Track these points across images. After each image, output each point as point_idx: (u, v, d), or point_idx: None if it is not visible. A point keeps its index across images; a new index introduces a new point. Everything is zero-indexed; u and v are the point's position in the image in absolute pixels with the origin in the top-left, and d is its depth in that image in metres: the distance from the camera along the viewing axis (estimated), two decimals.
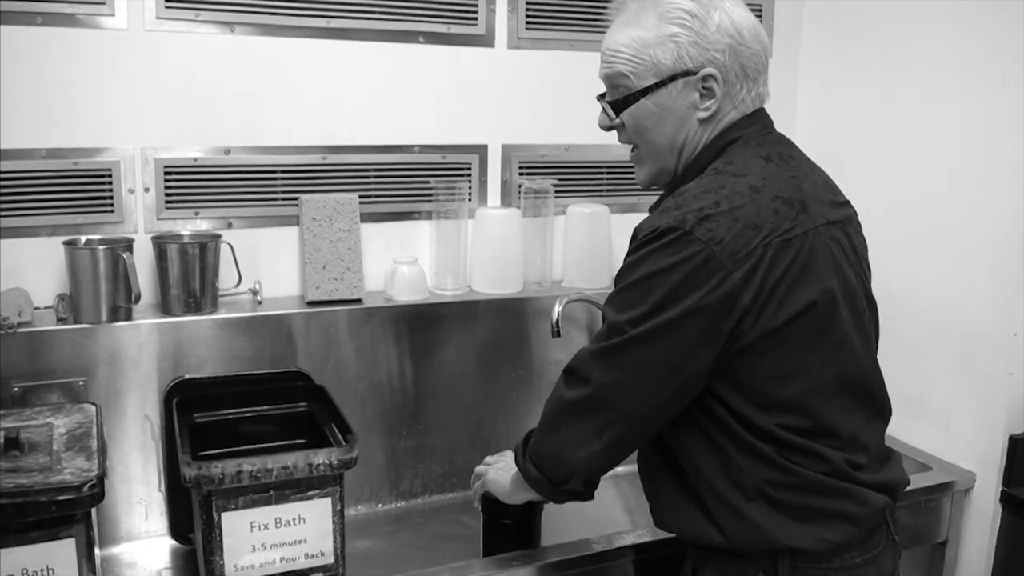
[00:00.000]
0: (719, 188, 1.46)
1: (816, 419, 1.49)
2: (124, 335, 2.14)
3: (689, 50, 1.51)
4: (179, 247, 2.20)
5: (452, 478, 2.51)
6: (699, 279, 1.40)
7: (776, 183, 1.49)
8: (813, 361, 1.48)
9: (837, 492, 1.51)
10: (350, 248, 2.39)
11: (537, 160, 2.66)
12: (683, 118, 1.56)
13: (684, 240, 1.41)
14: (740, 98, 1.56)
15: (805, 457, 1.49)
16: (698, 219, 1.41)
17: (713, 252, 1.39)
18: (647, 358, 1.46)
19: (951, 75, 2.32)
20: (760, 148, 1.55)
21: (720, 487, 1.51)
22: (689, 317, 1.41)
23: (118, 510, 2.19)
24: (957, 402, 2.34)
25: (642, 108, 1.56)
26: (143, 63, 2.20)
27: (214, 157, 2.30)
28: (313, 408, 2.10)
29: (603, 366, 1.50)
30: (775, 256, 1.41)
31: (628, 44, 1.54)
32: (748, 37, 1.53)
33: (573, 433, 1.56)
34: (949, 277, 2.34)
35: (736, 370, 1.46)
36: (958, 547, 2.35)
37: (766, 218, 1.43)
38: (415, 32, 2.44)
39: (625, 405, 1.50)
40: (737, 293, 1.40)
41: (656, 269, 1.43)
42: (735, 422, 1.48)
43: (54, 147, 2.15)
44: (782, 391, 1.47)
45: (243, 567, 1.76)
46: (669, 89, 1.53)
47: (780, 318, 1.43)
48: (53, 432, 1.74)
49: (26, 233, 2.16)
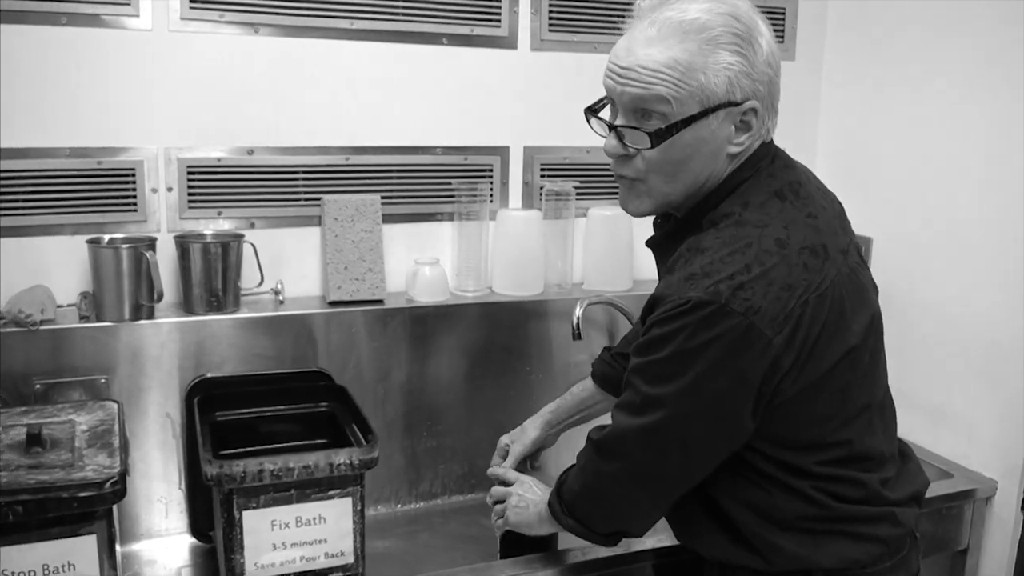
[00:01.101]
0: (745, 248, 1.38)
1: (850, 449, 1.48)
2: (146, 333, 2.15)
3: (741, 80, 1.39)
4: (202, 247, 2.21)
5: (471, 479, 2.51)
6: (739, 350, 1.34)
7: (799, 231, 1.41)
8: (847, 400, 1.47)
9: (872, 518, 1.50)
10: (372, 249, 2.39)
11: (559, 162, 2.65)
12: (716, 152, 1.44)
13: (721, 313, 1.33)
14: (763, 131, 1.47)
15: (841, 485, 1.48)
16: (732, 289, 1.33)
17: (752, 323, 1.33)
18: (694, 432, 1.42)
19: (975, 76, 2.30)
20: (772, 180, 1.47)
21: (752, 524, 1.50)
22: (734, 388, 1.37)
23: (138, 507, 2.20)
24: (980, 409, 2.33)
25: (680, 140, 1.41)
26: (167, 63, 2.21)
27: (237, 157, 2.31)
28: (334, 408, 2.10)
29: (646, 445, 1.46)
30: (813, 313, 1.37)
31: (672, 66, 1.37)
32: (777, 68, 1.45)
33: (621, 503, 1.55)
34: (973, 283, 2.32)
35: (771, 423, 1.43)
36: (979, 555, 2.34)
37: (798, 276, 1.37)
38: (438, 34, 2.44)
39: (673, 474, 1.49)
40: (779, 358, 1.35)
41: (694, 345, 1.35)
42: (771, 466, 1.47)
43: (78, 146, 2.16)
44: (817, 431, 1.46)
45: (263, 565, 1.76)
46: (710, 120, 1.40)
47: (819, 371, 1.40)
48: (75, 429, 1.74)
49: (50, 231, 2.17)
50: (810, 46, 2.84)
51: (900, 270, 2.48)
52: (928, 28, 2.43)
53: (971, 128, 2.32)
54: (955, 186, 2.37)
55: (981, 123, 2.29)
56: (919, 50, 2.46)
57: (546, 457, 2.15)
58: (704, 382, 1.36)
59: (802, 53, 2.82)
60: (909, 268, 2.47)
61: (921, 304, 2.42)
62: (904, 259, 2.49)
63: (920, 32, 2.46)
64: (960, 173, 2.35)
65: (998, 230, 2.25)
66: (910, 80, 2.50)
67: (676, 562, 1.86)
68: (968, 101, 2.33)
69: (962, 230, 2.35)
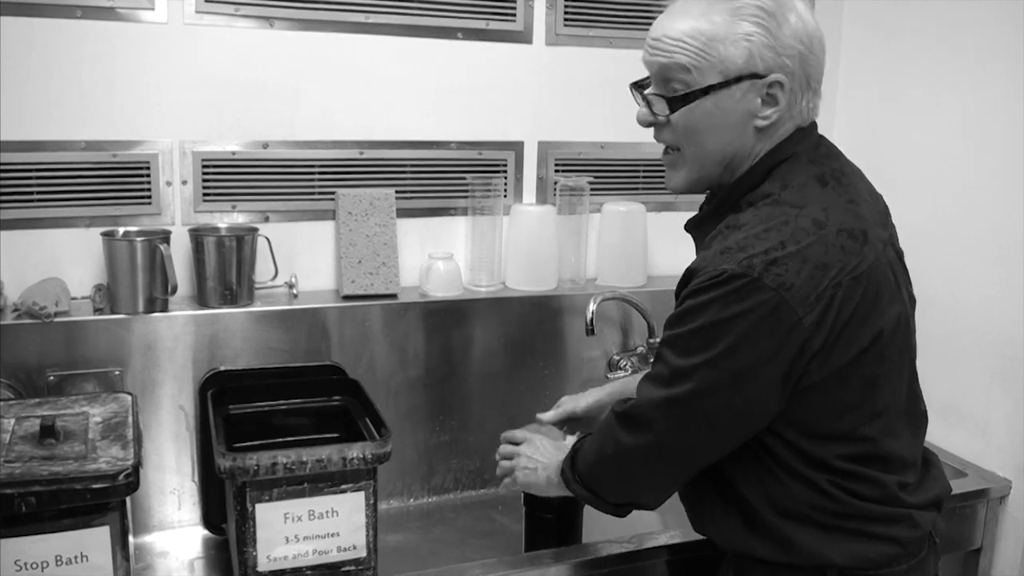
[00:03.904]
0: (782, 225, 1.39)
1: (872, 447, 1.47)
2: (160, 326, 2.15)
3: (763, 52, 1.41)
4: (216, 240, 2.21)
5: (484, 474, 2.51)
6: (769, 326, 1.34)
7: (838, 214, 1.42)
8: (873, 395, 1.45)
9: (887, 518, 1.49)
10: (386, 243, 2.39)
11: (573, 157, 2.65)
12: (740, 124, 1.46)
13: (752, 287, 1.34)
14: (799, 109, 1.48)
15: (858, 483, 1.47)
16: (765, 264, 1.34)
17: (783, 299, 1.33)
18: (718, 407, 1.41)
19: (993, 74, 2.29)
20: (813, 166, 1.48)
21: (766, 512, 1.49)
22: (761, 365, 1.36)
23: (151, 499, 2.21)
24: (995, 408, 2.31)
25: (699, 108, 1.45)
26: (182, 57, 2.21)
27: (252, 151, 2.31)
28: (347, 402, 2.11)
29: (671, 415, 1.45)
30: (845, 295, 1.36)
31: (694, 35, 1.42)
32: (816, 49, 1.47)
33: (637, 475, 1.55)
34: (988, 281, 2.31)
35: (795, 408, 1.42)
36: (992, 555, 2.32)
37: (834, 256, 1.37)
38: (453, 28, 2.44)
39: (694, 450, 1.48)
40: (808, 339, 1.35)
41: (724, 316, 1.35)
42: (789, 453, 1.46)
43: (93, 139, 2.17)
44: (840, 424, 1.45)
45: (276, 558, 1.76)
46: (732, 91, 1.43)
47: (847, 356, 1.39)
48: (89, 421, 1.75)
49: (65, 224, 2.18)
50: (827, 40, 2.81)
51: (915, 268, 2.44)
52: (945, 24, 2.41)
53: (990, 125, 2.30)
54: (970, 184, 2.35)
55: (1000, 120, 2.27)
56: (936, 46, 2.45)
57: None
58: (731, 356, 1.36)
59: None
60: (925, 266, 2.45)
61: (936, 303, 2.41)
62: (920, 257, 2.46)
63: (937, 28, 2.44)
64: (977, 171, 2.34)
65: (1014, 229, 2.24)
66: (927, 77, 2.48)
67: (690, 559, 1.85)
68: (985, 98, 2.31)
69: (980, 229, 2.33)
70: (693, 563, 1.85)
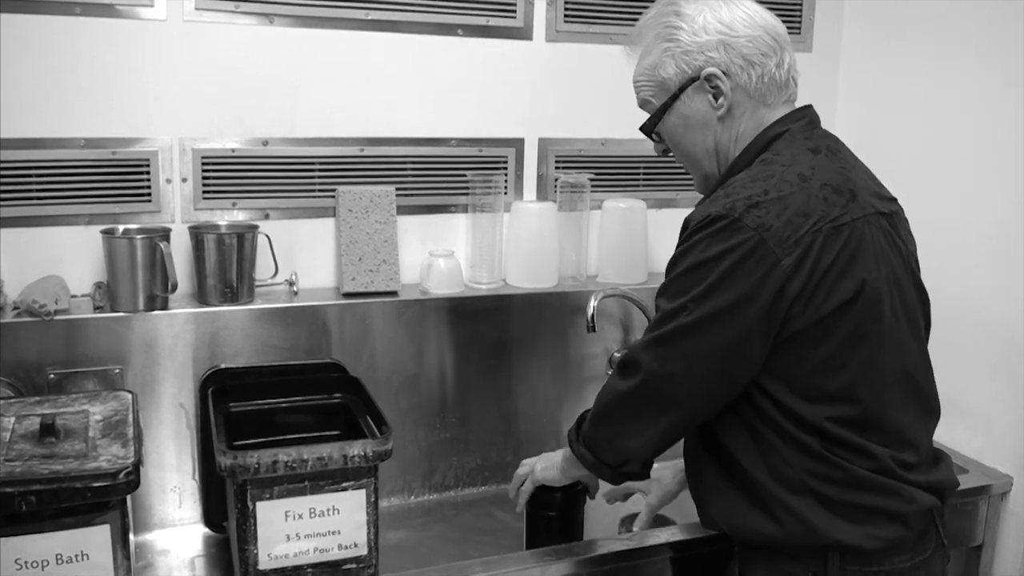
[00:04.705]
0: (767, 177, 1.48)
1: (864, 410, 1.49)
2: (160, 324, 2.15)
3: (683, 58, 1.57)
4: (216, 237, 2.20)
5: (485, 471, 2.50)
6: (749, 266, 1.41)
7: (825, 172, 1.51)
8: (862, 351, 1.48)
9: (883, 489, 1.50)
10: (386, 240, 2.38)
11: (574, 154, 2.64)
12: (704, 122, 1.60)
13: (733, 227, 1.42)
14: (753, 87, 1.58)
15: (851, 453, 1.49)
16: (747, 206, 1.43)
17: (763, 239, 1.41)
18: (699, 347, 1.47)
19: (993, 74, 2.28)
20: (808, 141, 1.57)
21: (765, 481, 1.52)
22: (740, 305, 1.42)
23: (152, 497, 2.20)
24: (996, 405, 2.31)
25: (668, 124, 1.63)
26: (182, 54, 2.21)
27: (252, 148, 2.31)
28: (348, 400, 2.10)
29: (655, 356, 1.52)
30: (825, 243, 1.43)
31: (643, 72, 1.64)
32: (741, 28, 1.56)
33: (628, 422, 1.59)
34: (990, 278, 2.30)
35: (785, 362, 1.47)
36: (994, 551, 2.32)
37: (815, 206, 1.45)
38: (454, 25, 2.44)
39: (677, 393, 1.52)
40: (786, 280, 1.41)
41: (706, 257, 1.44)
42: (780, 415, 1.49)
43: (93, 136, 2.16)
44: (830, 382, 1.47)
45: (277, 556, 1.76)
46: (682, 100, 1.60)
47: (829, 306, 1.43)
48: (89, 419, 1.74)
49: (64, 222, 2.18)
50: (827, 38, 2.83)
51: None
52: (947, 18, 2.41)
53: (992, 120, 2.30)
54: (972, 183, 2.35)
55: (1002, 115, 2.27)
56: (938, 41, 2.44)
57: None
58: (713, 295, 1.44)
59: (819, 45, 2.81)
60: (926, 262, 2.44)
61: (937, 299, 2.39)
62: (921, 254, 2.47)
63: (938, 22, 2.44)
64: (979, 167, 2.33)
65: (1015, 227, 2.23)
66: (929, 71, 2.48)
67: (691, 556, 1.85)
68: (985, 98, 2.31)
69: (981, 225, 2.33)
70: (694, 560, 1.85)
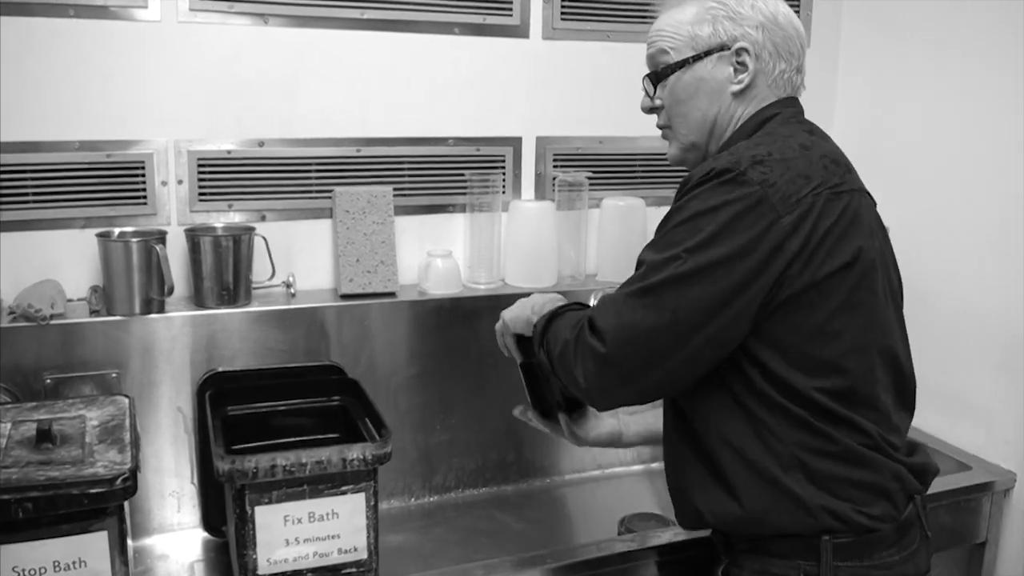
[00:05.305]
0: (770, 141, 1.49)
1: (854, 383, 1.46)
2: (157, 327, 2.14)
3: (724, 24, 1.57)
4: (212, 240, 2.19)
5: (485, 473, 2.50)
6: (750, 219, 1.39)
7: (822, 146, 1.53)
8: (856, 320, 1.46)
9: (874, 464, 1.47)
10: (384, 241, 2.37)
11: (572, 152, 2.63)
12: (718, 91, 1.59)
13: (737, 180, 1.41)
14: (774, 77, 1.60)
15: (842, 426, 1.46)
16: (752, 162, 1.43)
17: (766, 194, 1.39)
18: (689, 299, 1.39)
19: (991, 71, 2.27)
20: (800, 124, 1.59)
21: (755, 457, 1.46)
22: (737, 258, 1.38)
23: (151, 502, 2.19)
24: (999, 402, 2.30)
25: (679, 81, 1.61)
26: (176, 55, 2.20)
27: (248, 149, 2.29)
28: (347, 402, 2.09)
29: (636, 307, 1.41)
30: (825, 207, 1.42)
31: (670, 24, 1.61)
32: (782, 22, 1.59)
33: (592, 379, 1.45)
34: (992, 275, 2.30)
35: (777, 327, 1.43)
36: (997, 548, 2.32)
37: (816, 171, 1.45)
38: (450, 23, 2.42)
39: (659, 350, 1.41)
40: (786, 238, 1.39)
41: (707, 207, 1.41)
42: (770, 385, 1.44)
43: (87, 139, 2.15)
44: (824, 350, 1.44)
45: (276, 561, 1.75)
46: (705, 63, 1.58)
47: (826, 269, 1.42)
48: (86, 424, 1.73)
49: (59, 225, 2.16)
50: (826, 33, 2.81)
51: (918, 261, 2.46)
52: (946, 13, 2.40)
53: (993, 117, 2.29)
54: (972, 180, 2.34)
55: (1004, 110, 2.26)
56: (937, 36, 2.44)
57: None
58: (709, 245, 1.39)
59: (817, 41, 2.80)
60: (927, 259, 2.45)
61: (940, 296, 2.40)
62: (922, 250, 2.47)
63: (938, 17, 2.43)
64: (980, 164, 2.32)
65: (1016, 224, 2.23)
66: (929, 68, 2.47)
67: (691, 557, 1.84)
68: (984, 96, 2.30)
69: (982, 222, 2.32)
70: (694, 562, 1.84)
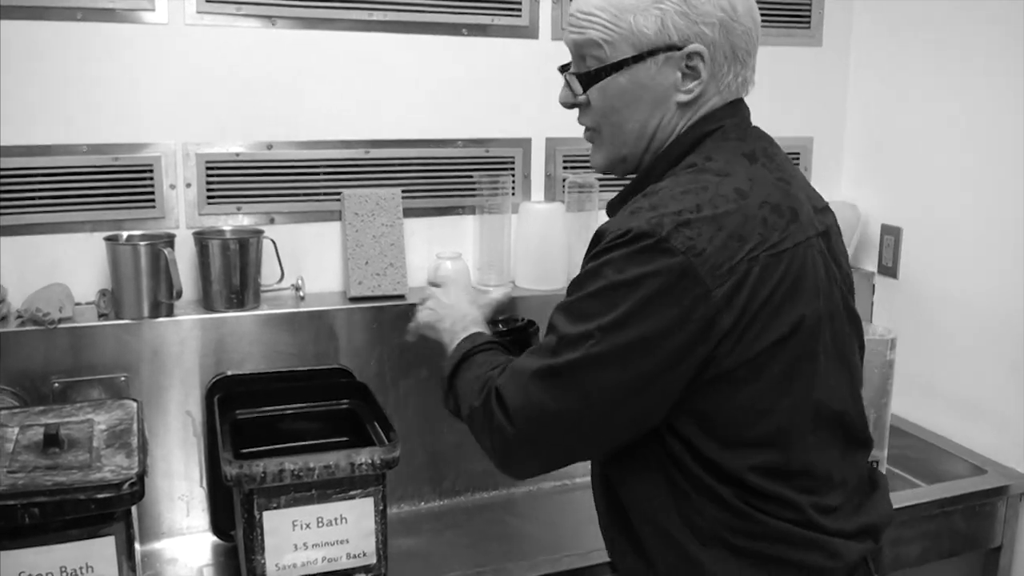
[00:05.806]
0: (700, 190, 1.27)
1: (790, 458, 1.31)
2: (166, 331, 2.13)
3: (675, 20, 1.31)
4: (221, 243, 2.19)
5: (495, 476, 2.47)
6: (673, 295, 1.20)
7: (763, 187, 1.30)
8: (793, 393, 1.29)
9: (803, 542, 1.32)
10: (393, 244, 2.36)
11: (581, 154, 2.62)
12: (661, 100, 1.36)
13: (659, 248, 1.21)
14: (725, 83, 1.37)
15: (771, 504, 1.30)
16: (676, 224, 1.21)
17: (691, 264, 1.20)
18: (603, 382, 1.24)
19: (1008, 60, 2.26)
20: (742, 143, 1.37)
21: (671, 527, 1.33)
22: (658, 339, 1.21)
23: (160, 506, 2.18)
24: (1013, 404, 2.29)
25: (614, 84, 1.36)
26: (184, 58, 2.19)
27: (256, 152, 2.29)
28: (355, 405, 2.09)
29: (547, 387, 1.27)
30: (763, 273, 1.23)
31: (604, 7, 1.34)
32: (742, 12, 1.34)
33: (501, 454, 1.36)
34: (1005, 276, 2.28)
35: (704, 402, 1.27)
36: (1012, 553, 2.30)
37: (753, 228, 1.25)
38: (459, 24, 2.41)
39: (570, 430, 1.29)
40: (716, 314, 1.21)
41: (622, 279, 1.22)
42: (693, 461, 1.30)
43: (96, 143, 2.15)
44: (755, 428, 1.29)
45: (285, 566, 1.75)
46: (648, 64, 1.34)
47: (762, 343, 1.25)
48: (94, 429, 1.72)
49: (68, 229, 2.16)
50: (837, 32, 2.80)
51: (930, 262, 2.44)
52: (958, 11, 2.38)
53: (1005, 115, 2.27)
54: (987, 180, 2.33)
55: (1016, 110, 2.24)
56: (949, 34, 2.42)
57: None
58: (627, 324, 1.22)
59: (829, 39, 2.78)
60: (939, 259, 2.43)
61: (952, 297, 2.38)
62: (934, 250, 2.45)
63: (949, 15, 2.41)
64: (993, 163, 2.31)
65: None
66: (941, 66, 2.45)
67: None
68: (1001, 95, 2.28)
69: (994, 222, 2.31)
70: None
